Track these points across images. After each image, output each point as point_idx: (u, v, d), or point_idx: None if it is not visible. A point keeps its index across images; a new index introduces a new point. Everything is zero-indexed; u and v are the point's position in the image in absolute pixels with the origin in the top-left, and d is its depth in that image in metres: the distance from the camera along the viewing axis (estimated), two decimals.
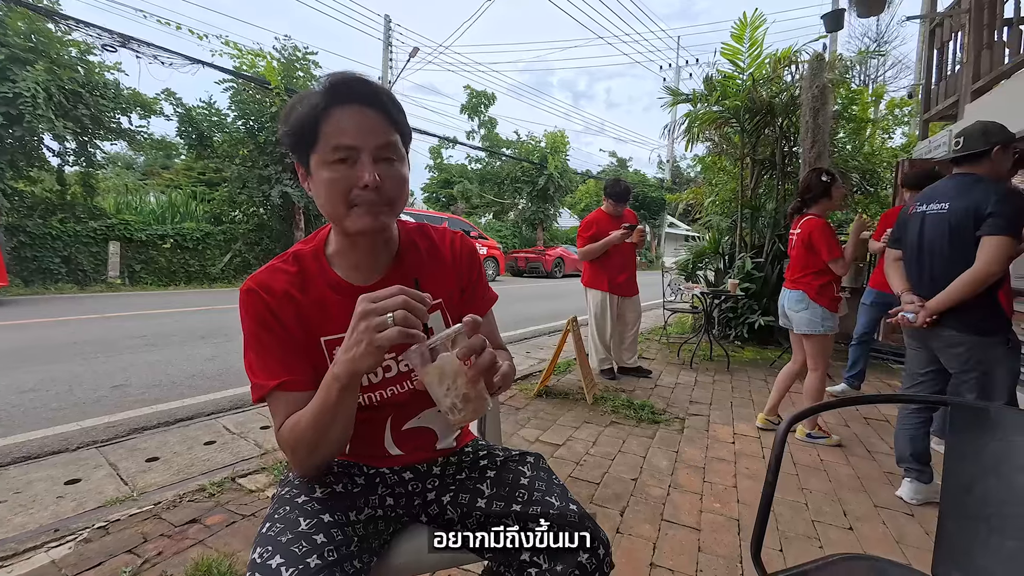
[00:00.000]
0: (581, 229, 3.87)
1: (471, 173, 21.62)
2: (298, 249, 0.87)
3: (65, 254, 8.74)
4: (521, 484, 0.89)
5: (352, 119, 0.73)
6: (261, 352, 0.79)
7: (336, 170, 0.74)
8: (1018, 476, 0.88)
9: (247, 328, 0.81)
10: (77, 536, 1.67)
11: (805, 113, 4.70)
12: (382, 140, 0.75)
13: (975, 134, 1.87)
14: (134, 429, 2.67)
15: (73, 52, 8.76)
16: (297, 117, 0.74)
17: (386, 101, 0.76)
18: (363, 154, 0.73)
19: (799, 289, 2.73)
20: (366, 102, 0.74)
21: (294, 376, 0.78)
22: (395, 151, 0.77)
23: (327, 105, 0.73)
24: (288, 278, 0.82)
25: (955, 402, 0.98)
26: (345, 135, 0.73)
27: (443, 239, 0.96)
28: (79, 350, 4.22)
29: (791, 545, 1.79)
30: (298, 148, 0.77)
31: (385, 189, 0.75)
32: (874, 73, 18.61)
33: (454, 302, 0.93)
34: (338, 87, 0.73)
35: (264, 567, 0.67)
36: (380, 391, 0.87)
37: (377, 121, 0.75)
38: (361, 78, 0.75)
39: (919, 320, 1.90)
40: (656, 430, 2.87)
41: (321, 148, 0.74)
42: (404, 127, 0.80)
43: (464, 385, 0.65)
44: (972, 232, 1.80)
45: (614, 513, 1.95)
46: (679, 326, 6.40)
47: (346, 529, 0.78)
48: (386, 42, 16.13)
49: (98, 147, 9.62)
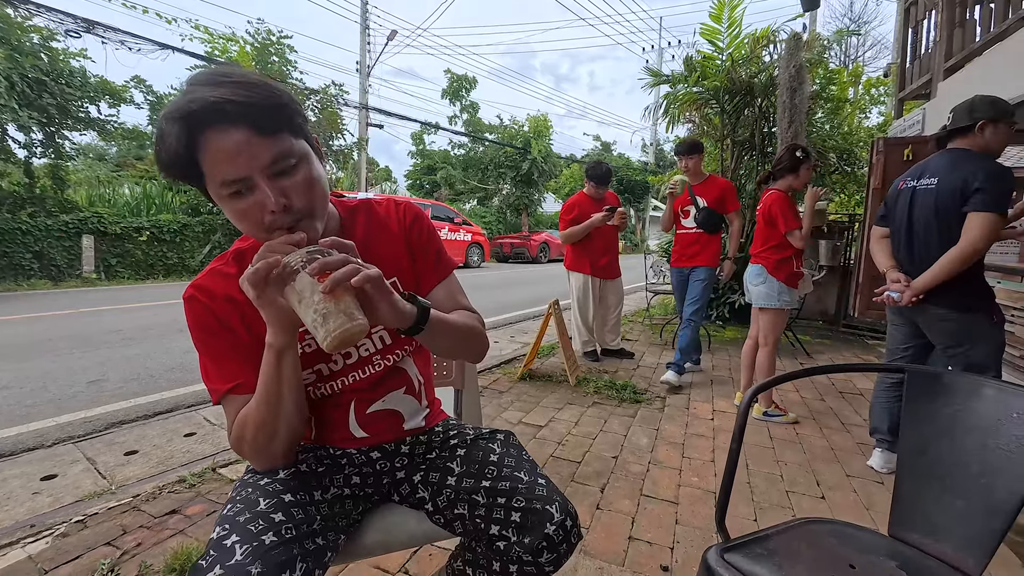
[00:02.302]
0: (563, 212, 3.87)
1: (454, 159, 21.42)
2: (239, 247, 0.84)
3: (37, 249, 8.49)
4: (491, 461, 0.90)
5: (225, 147, 0.64)
6: (212, 356, 0.79)
7: (237, 203, 0.68)
8: (968, 438, 0.92)
9: (194, 335, 0.79)
10: (54, 531, 1.65)
11: (782, 93, 4.72)
12: (268, 156, 0.66)
13: (963, 110, 1.85)
14: (112, 423, 2.63)
15: (35, 38, 8.42)
16: (167, 158, 0.66)
17: (250, 113, 0.64)
18: (256, 179, 0.67)
19: (759, 263, 2.78)
20: (229, 121, 0.64)
21: (247, 379, 0.77)
22: (290, 155, 0.69)
23: (189, 139, 0.64)
24: (228, 281, 0.79)
25: (912, 369, 1.02)
26: (227, 169, 0.65)
27: (388, 210, 0.93)
28: (53, 346, 4.13)
29: (764, 514, 1.84)
30: (188, 180, 0.70)
31: (296, 204, 0.70)
32: (853, 53, 18.74)
33: (409, 274, 0.91)
34: (192, 120, 0.63)
35: (219, 545, 0.68)
36: (342, 378, 0.87)
37: (253, 140, 0.65)
38: (210, 100, 0.63)
39: (905, 299, 1.87)
40: (637, 409, 2.92)
41: (210, 183, 0.68)
42: (291, 122, 0.70)
43: (322, 301, 0.61)
44: (959, 208, 1.77)
45: (595, 490, 1.99)
46: (662, 308, 6.47)
47: (308, 508, 0.78)
48: (363, 25, 15.75)
49: (66, 138, 9.33)
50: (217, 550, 0.67)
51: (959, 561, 0.86)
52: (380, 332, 0.88)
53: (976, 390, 0.95)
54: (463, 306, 0.94)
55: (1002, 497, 0.85)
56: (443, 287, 0.94)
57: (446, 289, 0.94)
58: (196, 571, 0.65)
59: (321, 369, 0.86)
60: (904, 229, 2.00)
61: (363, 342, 0.87)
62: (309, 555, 0.72)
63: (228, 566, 0.64)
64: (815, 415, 2.86)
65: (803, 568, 0.86)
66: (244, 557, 0.65)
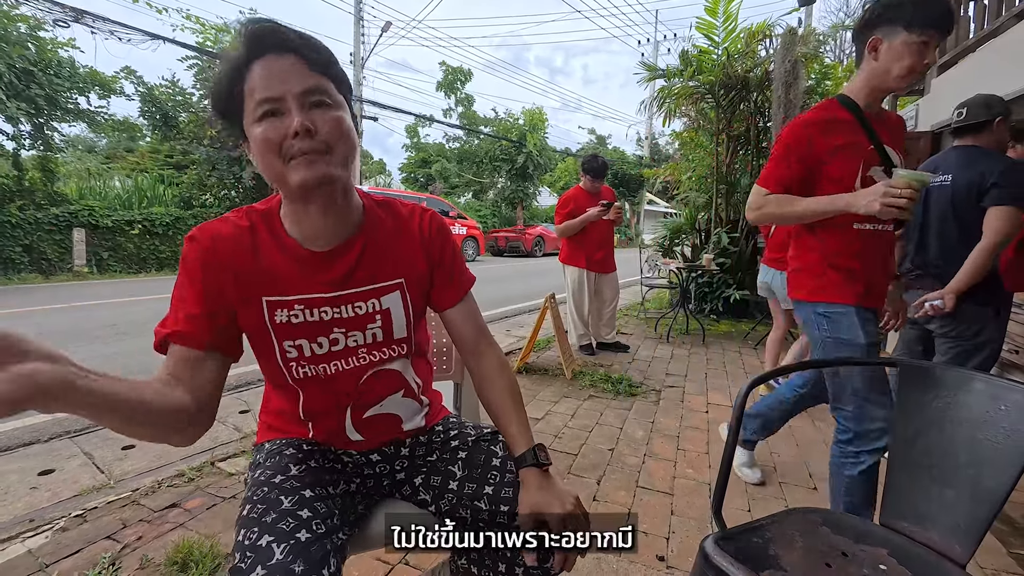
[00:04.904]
0: (559, 206, 3.88)
1: (449, 152, 21.33)
2: (252, 207, 0.84)
3: (27, 243, 8.40)
4: (493, 465, 0.88)
5: (270, 70, 0.70)
6: (179, 299, 0.77)
7: (264, 126, 0.70)
8: (958, 430, 0.94)
9: (179, 275, 0.78)
10: (54, 525, 1.66)
11: (778, 88, 4.74)
12: (306, 84, 0.70)
13: (978, 105, 1.87)
14: None
15: (22, 28, 8.28)
16: (217, 83, 0.73)
17: (302, 45, 0.71)
18: (289, 103, 0.70)
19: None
20: (281, 50, 0.70)
21: (188, 328, 0.73)
22: (326, 95, 0.73)
23: (243, 63, 0.70)
24: (237, 231, 0.79)
25: (903, 362, 1.04)
26: (266, 88, 0.69)
27: (411, 216, 0.90)
28: (46, 341, 4.10)
29: (758, 505, 1.87)
30: (228, 114, 0.74)
31: (320, 134, 0.71)
32: (848, 48, 18.76)
33: (421, 283, 0.89)
34: (251, 41, 0.70)
35: (255, 547, 0.67)
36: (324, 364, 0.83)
37: (297, 66, 0.71)
38: (272, 27, 0.71)
39: (948, 305, 1.80)
40: (633, 402, 2.95)
41: (248, 108, 0.71)
42: (335, 72, 0.75)
43: None
44: (976, 204, 1.78)
45: (591, 482, 2.02)
46: (657, 301, 6.51)
47: (328, 502, 0.78)
48: (357, 16, 15.58)
49: (55, 129, 9.20)
50: (254, 551, 0.66)
51: (947, 548, 0.89)
52: (374, 329, 0.85)
53: (966, 384, 0.97)
54: (483, 330, 0.94)
55: (989, 487, 0.87)
56: (461, 311, 0.93)
57: (464, 312, 0.93)
58: (236, 573, 0.65)
59: (302, 346, 0.82)
60: (918, 229, 1.98)
61: (353, 334, 0.84)
62: (337, 550, 0.72)
63: (270, 566, 0.64)
64: (808, 408, 2.89)
65: (797, 556, 0.88)
66: (284, 556, 0.65)
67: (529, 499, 0.77)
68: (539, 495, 0.77)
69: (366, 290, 0.83)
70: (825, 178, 1.36)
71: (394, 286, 0.86)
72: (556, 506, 0.75)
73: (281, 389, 0.89)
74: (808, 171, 1.37)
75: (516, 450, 0.84)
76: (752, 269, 5.19)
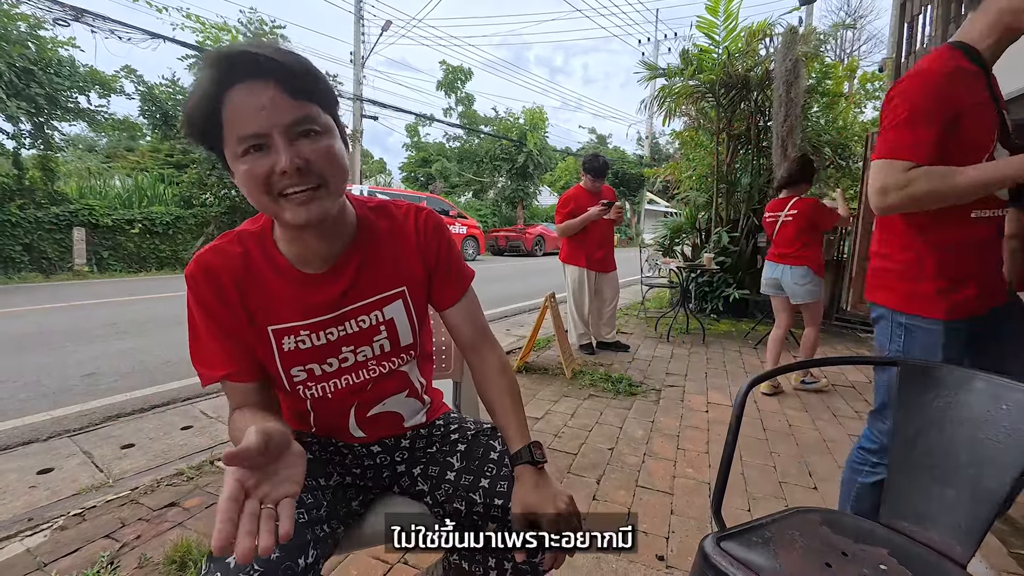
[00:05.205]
0: (559, 205, 3.88)
1: (449, 151, 21.31)
2: (243, 229, 0.81)
3: (27, 241, 8.39)
4: (491, 459, 0.89)
5: (248, 102, 0.64)
6: (204, 336, 0.78)
7: (249, 162, 0.66)
8: (958, 430, 0.94)
9: (190, 312, 0.78)
10: (52, 524, 1.66)
11: (778, 87, 4.73)
12: (291, 117, 0.65)
13: None
14: (108, 417, 2.62)
15: (22, 27, 8.25)
16: (189, 112, 0.66)
17: (279, 69, 0.64)
18: (275, 138, 0.65)
19: (803, 265, 3.01)
20: (256, 75, 0.64)
21: (238, 367, 0.78)
22: (314, 123, 0.67)
23: (218, 91, 0.64)
24: (231, 259, 0.78)
25: (904, 362, 1.04)
26: (247, 123, 0.64)
27: (406, 217, 0.88)
28: (46, 340, 4.10)
29: (758, 505, 1.87)
30: (205, 142, 0.69)
31: (313, 167, 0.67)
32: (849, 47, 18.74)
33: (421, 286, 0.89)
34: (224, 65, 0.64)
35: None
36: (335, 380, 0.85)
37: (278, 97, 0.64)
38: (243, 52, 0.64)
39: None
40: (633, 402, 2.95)
41: (228, 141, 0.66)
42: (322, 95, 0.69)
43: None
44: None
45: (591, 481, 2.01)
46: (657, 301, 6.50)
47: (316, 494, 0.79)
48: (357, 15, 15.57)
49: (56, 128, 9.16)
50: None
51: (948, 548, 0.88)
52: (381, 340, 0.86)
53: (967, 383, 0.97)
54: (484, 328, 0.93)
55: (990, 487, 0.87)
56: (461, 309, 0.92)
57: (464, 311, 0.92)
58: (211, 558, 0.66)
59: (313, 369, 0.83)
60: None
61: (362, 349, 0.85)
62: (319, 541, 0.72)
63: None
64: (807, 407, 2.89)
65: (797, 555, 0.88)
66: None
67: (522, 498, 0.77)
68: (533, 494, 0.77)
69: (367, 303, 0.83)
70: (955, 145, 1.09)
71: (396, 295, 0.86)
72: (549, 506, 0.75)
73: (284, 391, 0.89)
74: (946, 135, 1.08)
75: (512, 447, 0.84)
76: (752, 268, 5.19)
